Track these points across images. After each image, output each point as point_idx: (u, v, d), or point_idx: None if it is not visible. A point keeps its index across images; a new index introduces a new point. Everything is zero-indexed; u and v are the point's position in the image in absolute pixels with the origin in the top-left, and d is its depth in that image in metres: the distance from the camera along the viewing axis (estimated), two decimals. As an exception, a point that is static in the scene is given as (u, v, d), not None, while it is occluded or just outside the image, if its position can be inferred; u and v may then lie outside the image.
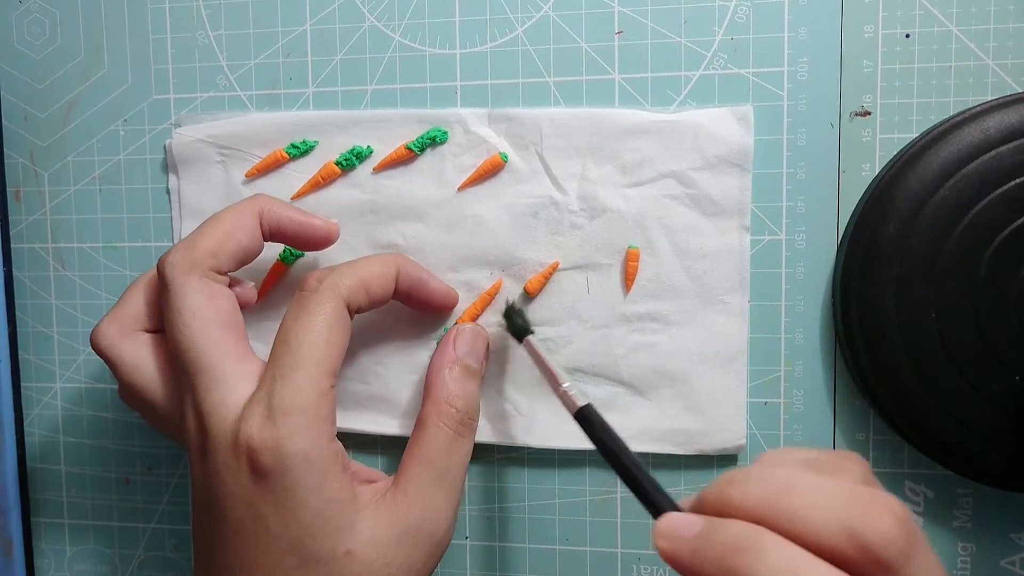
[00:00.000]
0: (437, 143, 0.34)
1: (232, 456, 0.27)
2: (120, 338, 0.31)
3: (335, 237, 0.33)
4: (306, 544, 0.26)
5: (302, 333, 0.28)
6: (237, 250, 0.30)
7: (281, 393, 0.27)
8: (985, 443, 0.31)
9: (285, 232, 0.31)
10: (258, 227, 0.31)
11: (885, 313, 0.31)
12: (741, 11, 0.33)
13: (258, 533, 0.27)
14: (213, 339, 0.28)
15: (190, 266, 0.29)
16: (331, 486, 0.27)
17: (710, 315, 0.33)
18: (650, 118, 0.33)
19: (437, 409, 0.30)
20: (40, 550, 0.40)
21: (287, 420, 0.26)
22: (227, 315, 0.29)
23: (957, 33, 0.31)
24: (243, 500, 0.27)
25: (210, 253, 0.29)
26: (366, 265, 0.30)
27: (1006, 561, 0.33)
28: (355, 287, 0.29)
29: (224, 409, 0.28)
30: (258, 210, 0.31)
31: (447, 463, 0.30)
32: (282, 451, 0.26)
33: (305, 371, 0.27)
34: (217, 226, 0.30)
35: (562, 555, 0.36)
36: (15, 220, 0.38)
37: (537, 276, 0.34)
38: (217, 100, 0.36)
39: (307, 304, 0.29)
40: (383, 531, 0.28)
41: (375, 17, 0.35)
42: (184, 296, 0.29)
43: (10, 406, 0.38)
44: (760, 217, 0.33)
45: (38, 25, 0.37)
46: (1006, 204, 0.30)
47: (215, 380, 0.28)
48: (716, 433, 0.33)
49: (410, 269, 0.32)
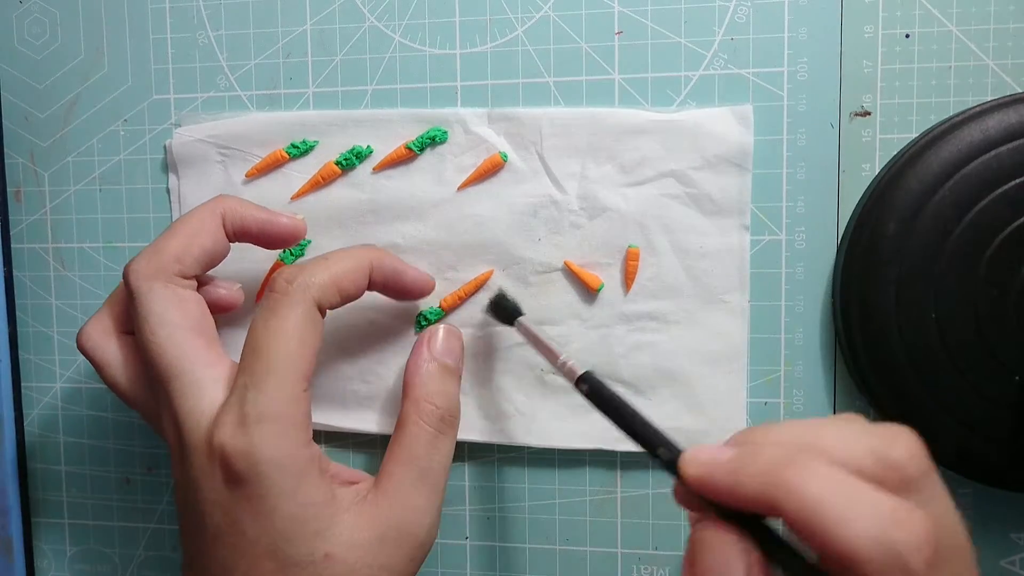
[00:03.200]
0: (437, 143, 0.34)
1: (207, 462, 0.27)
2: (104, 339, 0.31)
3: (302, 234, 0.32)
4: (283, 549, 0.26)
5: (272, 339, 0.27)
6: (201, 254, 0.30)
7: (253, 401, 0.26)
8: (985, 443, 0.31)
9: (250, 231, 0.31)
10: (221, 228, 0.30)
11: (885, 313, 0.31)
12: (741, 11, 0.33)
13: (235, 538, 0.26)
14: (182, 345, 0.28)
15: (154, 272, 0.29)
16: (307, 490, 0.27)
17: (710, 315, 0.33)
18: (650, 118, 0.33)
19: (416, 408, 0.30)
20: (40, 550, 0.40)
21: (259, 428, 0.26)
22: (195, 319, 0.29)
23: (957, 33, 0.32)
24: (219, 505, 0.27)
25: (174, 258, 0.29)
26: (338, 261, 0.29)
27: (1006, 561, 0.33)
28: (326, 286, 0.29)
29: (198, 414, 0.27)
30: (220, 211, 0.30)
31: (428, 462, 0.29)
32: (255, 458, 0.26)
33: (277, 378, 0.27)
34: (180, 230, 0.30)
35: (562, 555, 0.36)
36: (15, 220, 0.38)
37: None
38: (217, 100, 0.36)
39: (277, 307, 0.28)
40: (363, 532, 0.27)
41: (375, 17, 0.35)
42: (150, 303, 0.29)
43: (10, 406, 0.38)
44: (760, 217, 0.33)
45: (38, 25, 0.37)
46: (1006, 204, 0.30)
47: (187, 385, 0.28)
48: (716, 433, 0.33)
49: (385, 261, 0.31)
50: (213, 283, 0.32)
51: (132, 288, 0.29)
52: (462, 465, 0.36)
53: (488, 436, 0.35)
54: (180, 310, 0.29)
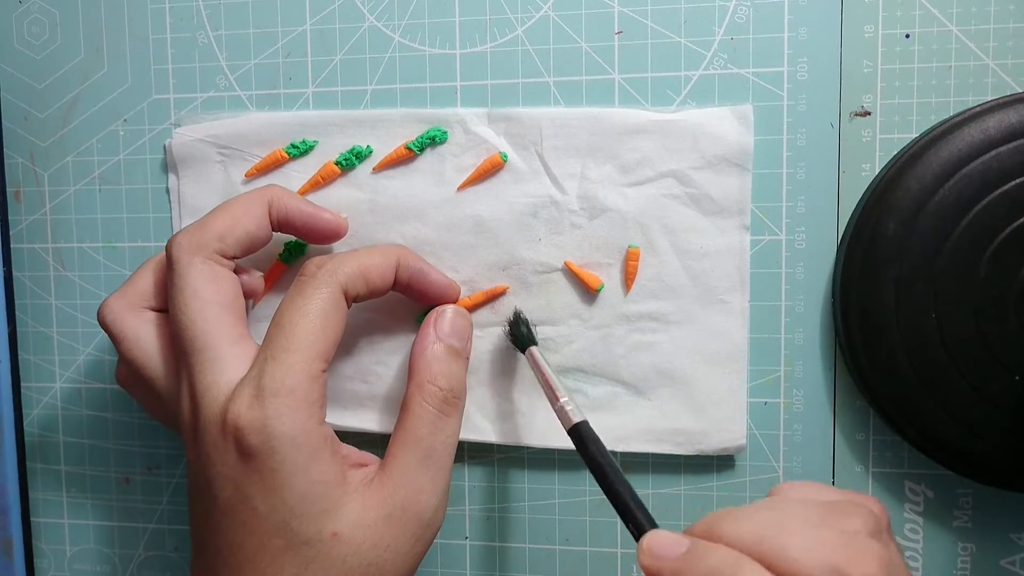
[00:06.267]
0: (437, 143, 0.34)
1: (220, 436, 0.27)
2: (126, 313, 0.31)
3: (344, 231, 0.33)
4: (292, 526, 0.27)
5: (297, 316, 0.28)
6: (244, 236, 0.30)
7: (272, 374, 0.27)
8: (985, 443, 0.31)
9: (294, 223, 0.32)
10: (267, 216, 0.31)
11: (885, 313, 0.31)
12: (741, 11, 0.33)
13: (246, 514, 0.27)
14: (212, 320, 0.29)
15: (196, 247, 0.30)
16: (318, 468, 0.27)
17: (710, 315, 0.33)
18: (650, 117, 0.33)
19: (420, 389, 0.30)
20: (40, 550, 0.40)
21: (275, 401, 0.27)
22: (228, 298, 0.30)
23: (957, 33, 0.31)
24: (231, 480, 0.27)
25: (217, 236, 0.30)
26: (367, 254, 0.31)
27: (1006, 561, 0.33)
28: (354, 275, 0.30)
29: (216, 389, 0.28)
30: (268, 199, 0.31)
31: (431, 442, 0.29)
32: (269, 431, 0.26)
33: (297, 354, 0.27)
34: (227, 211, 0.31)
35: (562, 555, 0.36)
36: (15, 220, 0.38)
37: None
38: (217, 100, 0.36)
39: (304, 288, 0.29)
40: (370, 513, 0.28)
41: (375, 17, 0.35)
42: (188, 276, 0.29)
43: (10, 406, 0.38)
44: (760, 217, 0.33)
45: (38, 25, 0.37)
46: (1006, 204, 0.30)
47: (210, 360, 0.28)
48: (716, 433, 0.33)
49: (411, 261, 0.32)
50: (241, 269, 0.33)
51: (173, 259, 0.30)
52: (462, 465, 0.36)
53: (488, 436, 0.35)
54: (215, 286, 0.29)
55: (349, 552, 0.27)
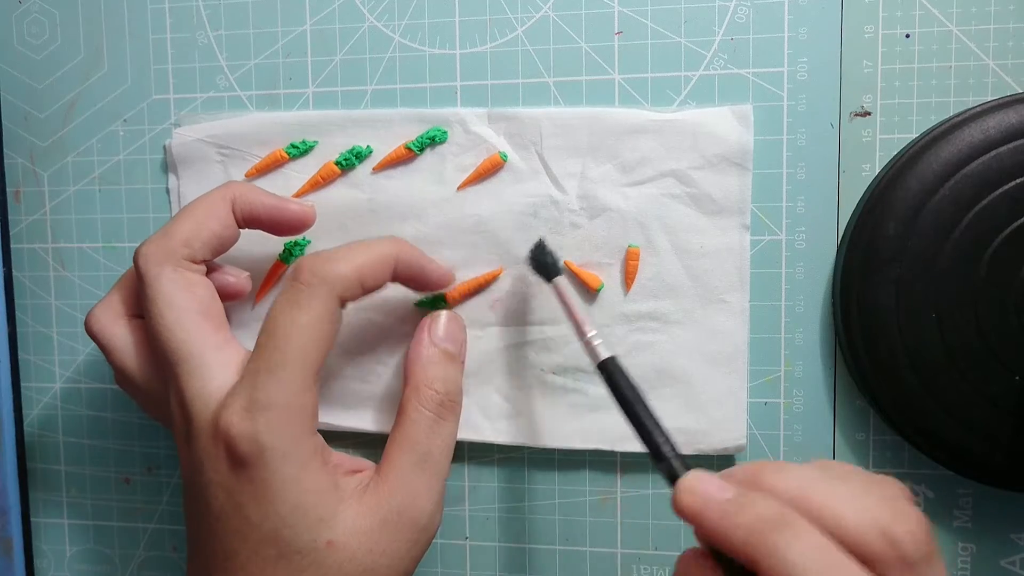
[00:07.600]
0: (437, 143, 0.34)
1: (212, 444, 0.27)
2: (113, 322, 0.31)
3: (311, 221, 0.32)
4: (284, 536, 0.26)
5: (291, 329, 0.27)
6: (210, 238, 0.30)
7: (264, 387, 0.27)
8: (985, 443, 0.31)
9: (259, 217, 0.31)
10: (231, 214, 0.31)
11: (885, 313, 0.31)
12: (741, 11, 0.33)
13: (238, 521, 0.27)
14: (190, 328, 0.29)
15: (164, 256, 0.29)
16: (310, 478, 0.27)
17: (710, 314, 0.33)
18: (650, 117, 0.33)
19: (416, 393, 0.30)
20: (40, 550, 0.40)
21: (267, 415, 0.26)
22: (204, 303, 0.29)
23: (957, 33, 0.31)
24: (224, 488, 0.27)
25: (183, 242, 0.29)
26: (363, 252, 0.29)
27: (1006, 561, 0.33)
28: (350, 280, 0.28)
29: (205, 396, 0.28)
30: (230, 197, 0.31)
31: (427, 446, 0.29)
32: (260, 443, 0.26)
33: (290, 368, 0.27)
34: (190, 215, 0.30)
35: (562, 555, 0.36)
36: (15, 220, 0.38)
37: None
38: (217, 100, 0.36)
39: (298, 298, 0.28)
40: (365, 519, 0.28)
41: (375, 17, 0.35)
42: (159, 287, 0.29)
43: (10, 406, 0.38)
44: (760, 217, 0.33)
45: (38, 25, 0.37)
46: (1006, 204, 0.30)
47: (195, 368, 0.28)
48: (716, 433, 0.33)
49: (409, 255, 0.31)
50: (221, 270, 0.32)
51: (141, 272, 0.29)
52: (462, 465, 0.36)
53: (488, 436, 0.35)
54: (189, 294, 0.29)
55: (345, 559, 0.27)
